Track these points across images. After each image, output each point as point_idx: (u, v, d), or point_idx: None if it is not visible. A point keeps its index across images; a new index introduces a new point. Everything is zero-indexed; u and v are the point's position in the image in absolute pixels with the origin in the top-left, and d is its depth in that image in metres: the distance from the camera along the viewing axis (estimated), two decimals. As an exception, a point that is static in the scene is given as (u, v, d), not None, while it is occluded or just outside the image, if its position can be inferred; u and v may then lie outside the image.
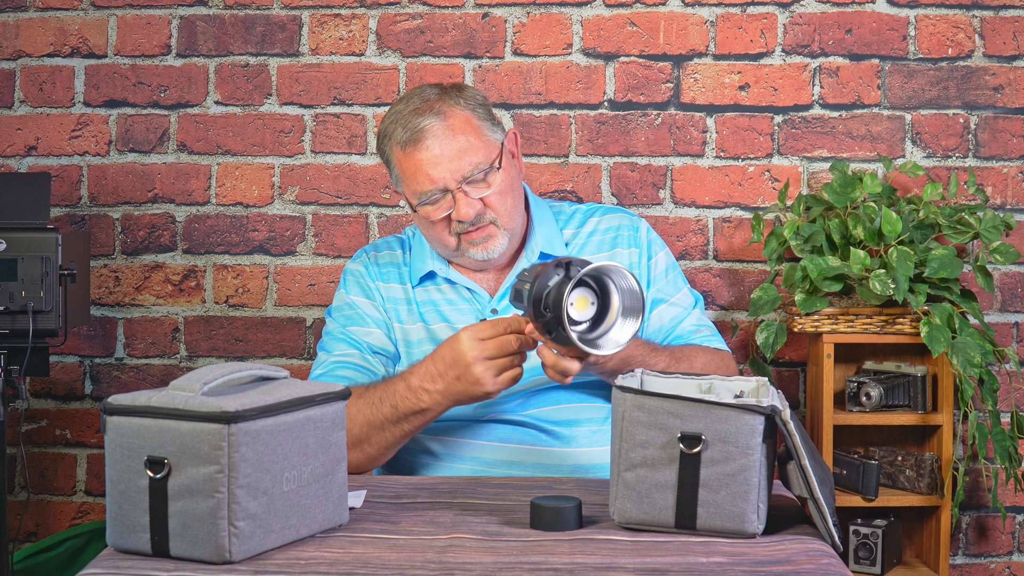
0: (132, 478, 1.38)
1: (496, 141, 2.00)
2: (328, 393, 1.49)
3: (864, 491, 2.60)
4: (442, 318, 2.05)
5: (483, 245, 1.98)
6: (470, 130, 1.97)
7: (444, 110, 1.97)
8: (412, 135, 1.95)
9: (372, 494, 1.70)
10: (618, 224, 2.11)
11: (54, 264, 2.38)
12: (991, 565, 2.86)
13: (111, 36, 2.88)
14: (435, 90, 2.02)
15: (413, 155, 1.96)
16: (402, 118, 1.98)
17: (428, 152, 1.95)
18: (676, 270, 2.14)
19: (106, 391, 2.90)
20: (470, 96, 2.02)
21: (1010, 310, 2.85)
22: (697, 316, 2.10)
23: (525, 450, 1.98)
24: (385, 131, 2.01)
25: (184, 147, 2.89)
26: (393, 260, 2.13)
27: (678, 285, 2.12)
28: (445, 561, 1.39)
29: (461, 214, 1.94)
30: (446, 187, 1.95)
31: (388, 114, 2.03)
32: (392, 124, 2.00)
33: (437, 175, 1.94)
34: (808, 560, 1.41)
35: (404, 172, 1.98)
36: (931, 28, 2.82)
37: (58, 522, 2.92)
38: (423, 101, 1.99)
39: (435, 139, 1.95)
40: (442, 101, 1.98)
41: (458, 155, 1.95)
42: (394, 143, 1.98)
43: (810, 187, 2.84)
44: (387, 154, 2.02)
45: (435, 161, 1.94)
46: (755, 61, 2.84)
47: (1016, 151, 2.83)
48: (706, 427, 1.47)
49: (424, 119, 1.95)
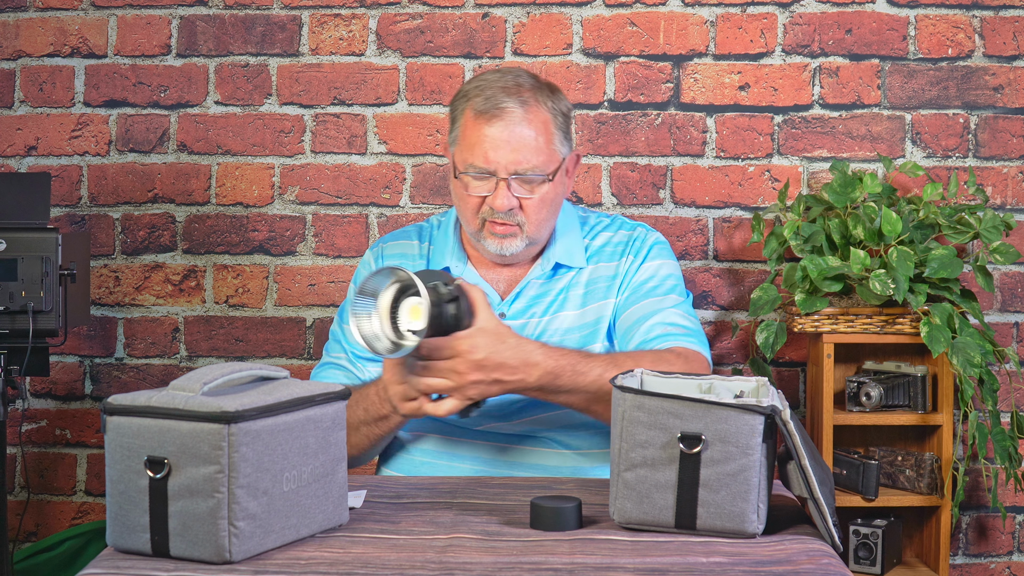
0: (132, 478, 1.38)
1: (560, 154, 1.99)
2: (328, 393, 1.49)
3: (864, 491, 2.60)
4: None
5: (501, 240, 1.97)
6: (543, 132, 1.95)
7: (530, 101, 1.95)
8: (490, 108, 1.93)
9: (372, 494, 1.70)
10: (627, 239, 2.08)
11: (54, 264, 2.38)
12: (991, 565, 2.86)
13: (111, 36, 2.88)
14: (531, 79, 2.00)
15: (482, 127, 1.94)
16: (488, 88, 1.96)
17: (496, 132, 1.93)
18: (673, 280, 2.06)
19: (106, 391, 2.90)
20: (559, 100, 2.00)
21: (1010, 310, 2.85)
22: (674, 315, 1.99)
23: (525, 451, 1.98)
24: (466, 92, 1.99)
25: (184, 147, 2.89)
26: (406, 251, 2.11)
27: (666, 291, 2.04)
28: (445, 561, 1.39)
29: (497, 204, 1.94)
30: (495, 172, 1.93)
31: (476, 78, 2.01)
32: (476, 88, 1.97)
33: (493, 157, 1.93)
34: (808, 560, 1.41)
35: (464, 137, 1.96)
36: (931, 28, 2.82)
37: (58, 522, 2.92)
38: (515, 83, 1.97)
39: (508, 124, 1.93)
40: (532, 93, 1.96)
41: (521, 149, 1.93)
42: (470, 106, 1.96)
43: (810, 187, 2.84)
44: (457, 112, 2.00)
45: (498, 144, 1.93)
46: (755, 61, 2.84)
47: (1016, 151, 2.83)
48: (706, 427, 1.47)
49: (508, 100, 1.94)
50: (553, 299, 2.02)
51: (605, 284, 2.03)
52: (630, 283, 2.03)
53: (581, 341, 1.99)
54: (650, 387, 1.60)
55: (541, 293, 2.03)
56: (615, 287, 2.03)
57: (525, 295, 2.03)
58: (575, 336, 1.99)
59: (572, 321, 2.01)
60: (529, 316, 2.01)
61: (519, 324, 2.00)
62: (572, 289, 2.03)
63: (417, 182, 2.87)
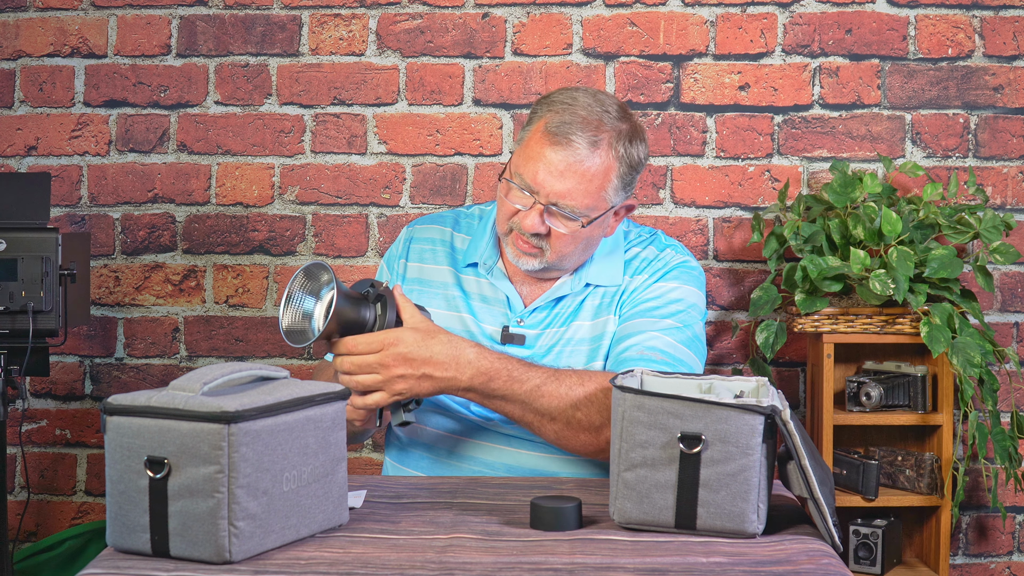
0: (132, 478, 1.38)
1: (610, 202, 1.93)
2: (328, 393, 1.49)
3: (864, 491, 2.60)
4: (468, 309, 2.01)
5: (520, 256, 1.94)
6: (599, 177, 1.89)
7: (601, 144, 1.89)
8: (558, 133, 1.88)
9: (372, 494, 1.70)
10: (653, 257, 2.03)
11: (54, 264, 2.37)
12: (991, 565, 2.86)
13: (111, 36, 2.88)
14: (616, 119, 1.91)
15: (543, 146, 1.89)
16: (568, 112, 1.90)
17: (555, 158, 1.88)
18: (677, 305, 1.99)
19: (106, 391, 2.90)
20: (633, 148, 1.93)
21: (1010, 310, 2.85)
22: (660, 340, 1.91)
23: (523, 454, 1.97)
24: (551, 100, 1.94)
25: (184, 147, 2.89)
26: (434, 237, 2.09)
27: (665, 314, 1.97)
28: (445, 561, 1.39)
29: (525, 224, 1.90)
30: (537, 193, 1.89)
31: (568, 92, 1.94)
32: (561, 104, 1.92)
33: (540, 179, 1.88)
34: (808, 560, 1.41)
35: (527, 146, 1.92)
36: (931, 28, 2.82)
37: (58, 522, 2.92)
38: (599, 117, 1.90)
39: (567, 156, 1.88)
40: (609, 135, 1.90)
41: (569, 184, 1.88)
42: (544, 119, 1.91)
43: (810, 187, 2.84)
44: (534, 116, 1.95)
45: (549, 169, 1.88)
46: (755, 61, 2.84)
47: (1016, 151, 2.83)
48: (706, 427, 1.47)
49: (580, 135, 1.88)
50: (572, 311, 1.99)
51: (609, 299, 1.99)
52: (635, 300, 1.99)
53: (590, 355, 1.96)
54: (650, 387, 1.60)
55: (562, 305, 2.00)
56: (615, 302, 1.99)
57: (547, 308, 2.00)
58: (585, 348, 1.97)
59: (585, 332, 1.97)
60: (545, 327, 1.98)
61: (533, 334, 1.97)
62: (589, 300, 2.00)
63: (417, 182, 2.87)
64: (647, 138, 1.99)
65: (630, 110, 1.98)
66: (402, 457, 2.04)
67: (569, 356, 1.95)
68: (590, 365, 1.95)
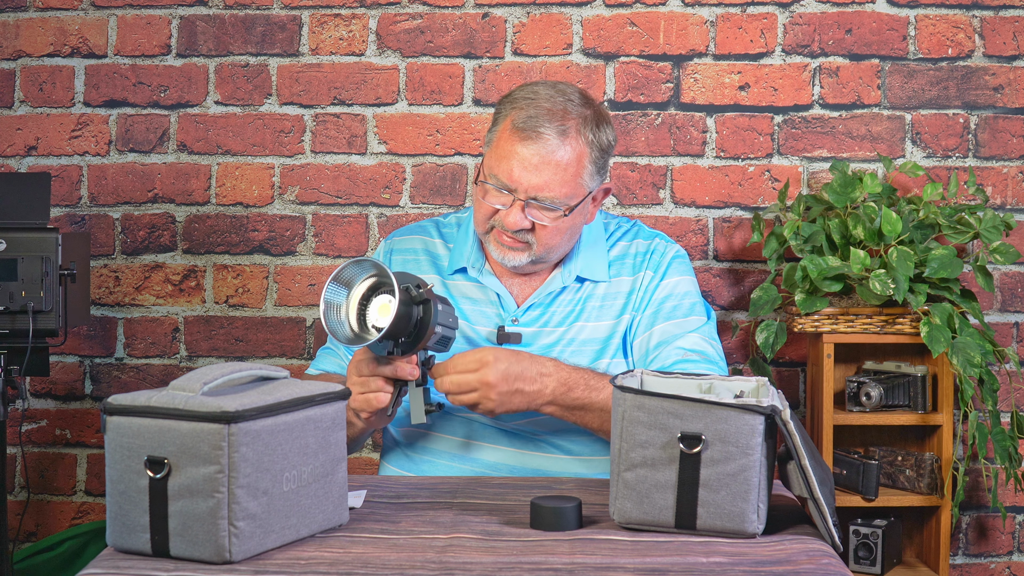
0: (132, 478, 1.38)
1: (587, 188, 1.94)
2: (328, 393, 1.49)
3: (864, 491, 2.60)
4: (460, 314, 2.01)
5: (505, 251, 1.95)
6: (573, 164, 1.91)
7: (570, 132, 1.90)
8: (526, 128, 1.89)
9: (372, 494, 1.70)
10: (646, 250, 2.05)
11: (54, 264, 2.37)
12: (991, 565, 2.86)
13: (111, 36, 2.88)
14: (580, 106, 1.93)
15: (513, 143, 1.90)
16: (533, 106, 1.91)
17: (527, 153, 1.89)
18: (692, 298, 2.03)
19: (106, 391, 2.90)
20: (601, 132, 1.94)
21: (1010, 310, 2.85)
22: (695, 340, 1.96)
23: (527, 455, 1.97)
24: (513, 98, 1.95)
25: (184, 147, 2.89)
26: (416, 247, 2.09)
27: (685, 311, 2.01)
28: (445, 561, 1.40)
29: (508, 222, 1.91)
30: (515, 191, 1.90)
31: (529, 87, 1.96)
32: (524, 100, 1.92)
33: (515, 176, 1.89)
34: (808, 560, 1.41)
35: (497, 146, 1.92)
36: (931, 28, 2.82)
37: (58, 522, 2.92)
38: (563, 107, 1.91)
39: (539, 149, 1.89)
40: (576, 122, 1.91)
41: (546, 177, 1.89)
42: (510, 117, 1.92)
43: (810, 187, 2.84)
44: (499, 116, 1.95)
45: (525, 165, 1.89)
46: (755, 61, 2.84)
47: (1016, 151, 2.83)
48: (706, 427, 1.47)
49: (548, 126, 1.89)
50: (572, 310, 2.00)
51: (623, 299, 2.00)
52: (649, 301, 2.00)
53: (596, 354, 1.97)
54: (650, 387, 1.60)
55: (559, 304, 2.01)
56: (632, 303, 2.00)
57: (542, 305, 2.00)
58: (591, 349, 1.98)
59: (589, 333, 1.98)
60: (542, 325, 1.99)
61: (532, 332, 1.98)
62: (590, 301, 2.00)
63: (417, 182, 2.87)
64: (612, 120, 2.01)
65: (591, 96, 2.00)
66: (402, 461, 2.04)
67: (571, 356, 1.95)
68: (595, 364, 1.96)
